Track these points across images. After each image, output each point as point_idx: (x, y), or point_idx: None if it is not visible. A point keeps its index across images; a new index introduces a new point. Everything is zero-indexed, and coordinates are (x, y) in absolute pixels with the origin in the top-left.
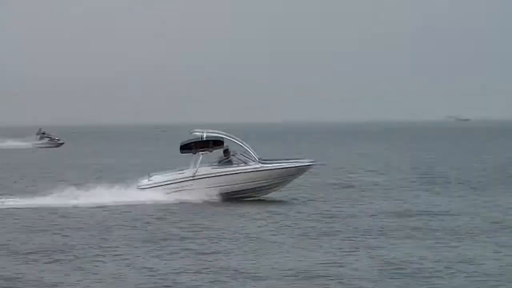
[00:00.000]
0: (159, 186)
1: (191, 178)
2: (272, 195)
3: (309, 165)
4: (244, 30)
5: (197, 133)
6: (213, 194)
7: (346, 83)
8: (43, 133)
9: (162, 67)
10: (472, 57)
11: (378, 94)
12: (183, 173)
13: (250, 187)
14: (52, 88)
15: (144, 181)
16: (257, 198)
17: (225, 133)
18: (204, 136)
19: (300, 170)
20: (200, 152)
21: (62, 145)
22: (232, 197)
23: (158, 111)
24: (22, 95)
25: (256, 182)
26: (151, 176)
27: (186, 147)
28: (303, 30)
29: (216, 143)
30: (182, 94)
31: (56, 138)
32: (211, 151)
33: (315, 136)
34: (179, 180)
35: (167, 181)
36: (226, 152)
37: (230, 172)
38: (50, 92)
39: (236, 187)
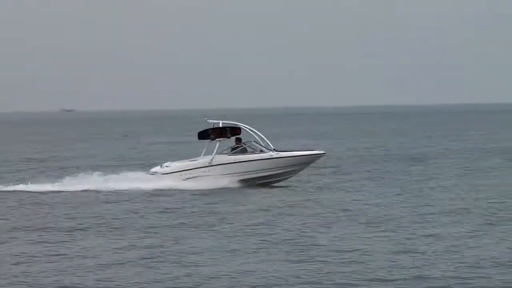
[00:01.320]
0: (176, 172)
1: (208, 165)
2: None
3: (320, 154)
4: None
5: (213, 121)
6: (230, 181)
7: None
8: None
9: None
10: None
11: None
12: (199, 160)
13: (265, 174)
14: None
15: (158, 169)
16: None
17: (238, 123)
18: (221, 124)
19: (312, 158)
20: (218, 140)
21: None
22: (248, 184)
23: None
24: None
25: (271, 170)
26: (164, 165)
27: (204, 135)
28: None
29: (233, 130)
30: None
31: None
32: (228, 138)
33: None
34: (197, 167)
35: (184, 168)
36: (239, 140)
37: (247, 160)
38: None
39: (252, 175)
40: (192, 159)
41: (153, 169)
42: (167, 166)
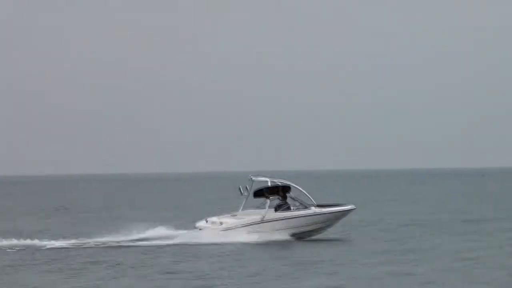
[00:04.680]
0: (234, 228)
1: (261, 221)
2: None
3: (352, 209)
4: None
5: (258, 179)
6: (281, 235)
7: None
8: None
9: None
10: None
11: None
12: (251, 216)
13: (310, 229)
14: None
15: (205, 224)
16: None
17: (286, 181)
18: (269, 182)
19: (345, 213)
20: (271, 197)
21: None
22: (296, 238)
23: None
24: None
25: (314, 225)
26: (210, 220)
27: (260, 193)
28: None
29: (285, 188)
30: None
31: None
32: (281, 195)
33: None
34: (252, 223)
35: (239, 223)
36: (284, 197)
37: (294, 216)
38: None
39: (300, 229)
40: (235, 214)
41: (199, 224)
42: (221, 223)
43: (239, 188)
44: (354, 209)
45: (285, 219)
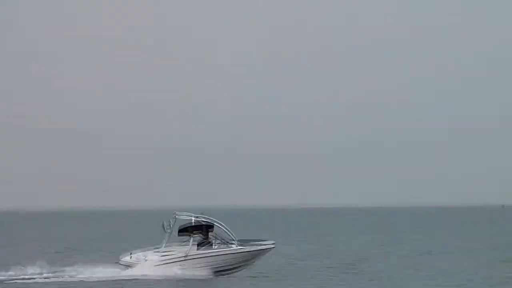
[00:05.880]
0: (161, 264)
1: (184, 258)
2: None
3: (272, 247)
4: None
5: (182, 216)
6: (202, 272)
7: None
8: None
9: None
10: None
11: None
12: (176, 254)
13: (231, 266)
14: None
15: (129, 259)
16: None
17: (209, 218)
18: (193, 219)
19: (267, 251)
20: (193, 235)
21: None
22: (217, 274)
23: None
24: None
25: (236, 263)
26: (133, 254)
27: (184, 230)
28: None
29: (208, 226)
30: None
31: None
32: (204, 233)
33: None
34: (177, 260)
35: (163, 259)
36: (205, 234)
37: (217, 254)
38: None
39: (221, 267)
40: (157, 249)
41: (124, 258)
42: (146, 259)
43: (163, 224)
44: (274, 247)
45: (207, 256)
